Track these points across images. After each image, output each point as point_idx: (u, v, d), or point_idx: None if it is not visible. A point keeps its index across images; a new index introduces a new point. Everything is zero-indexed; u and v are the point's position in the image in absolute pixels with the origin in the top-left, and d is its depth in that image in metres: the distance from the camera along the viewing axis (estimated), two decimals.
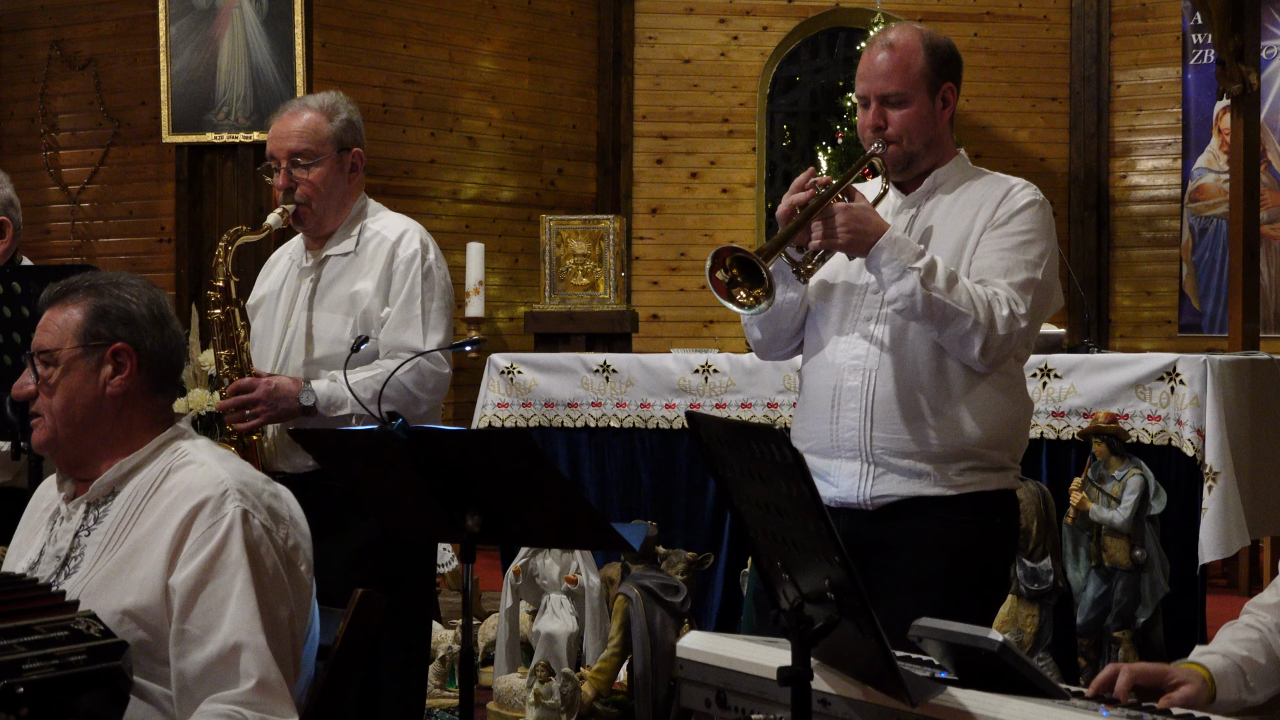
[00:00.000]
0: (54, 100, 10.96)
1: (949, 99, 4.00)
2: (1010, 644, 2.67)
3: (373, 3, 10.72)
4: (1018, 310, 3.76)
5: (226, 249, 4.51)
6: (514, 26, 11.49)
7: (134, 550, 2.97)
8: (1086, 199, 11.88)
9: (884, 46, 3.94)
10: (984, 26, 11.92)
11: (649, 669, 5.80)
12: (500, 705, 6.52)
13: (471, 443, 3.86)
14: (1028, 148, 11.91)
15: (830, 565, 2.62)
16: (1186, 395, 6.25)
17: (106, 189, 10.78)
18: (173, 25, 10.19)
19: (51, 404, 3.08)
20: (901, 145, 3.92)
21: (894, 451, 3.83)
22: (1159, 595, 6.16)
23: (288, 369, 4.51)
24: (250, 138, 10.07)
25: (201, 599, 2.90)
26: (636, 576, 5.99)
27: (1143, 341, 11.52)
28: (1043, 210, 3.93)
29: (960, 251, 3.87)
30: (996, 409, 3.87)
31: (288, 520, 3.09)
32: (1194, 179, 11.50)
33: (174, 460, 3.08)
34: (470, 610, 3.87)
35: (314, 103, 4.61)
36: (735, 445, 2.81)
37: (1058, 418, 6.49)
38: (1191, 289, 11.50)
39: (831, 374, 3.90)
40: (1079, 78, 11.94)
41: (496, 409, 7.43)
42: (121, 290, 3.13)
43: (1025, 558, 6.15)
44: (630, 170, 11.93)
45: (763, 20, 11.89)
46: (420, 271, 4.51)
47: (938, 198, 3.98)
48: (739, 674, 3.05)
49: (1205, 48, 11.08)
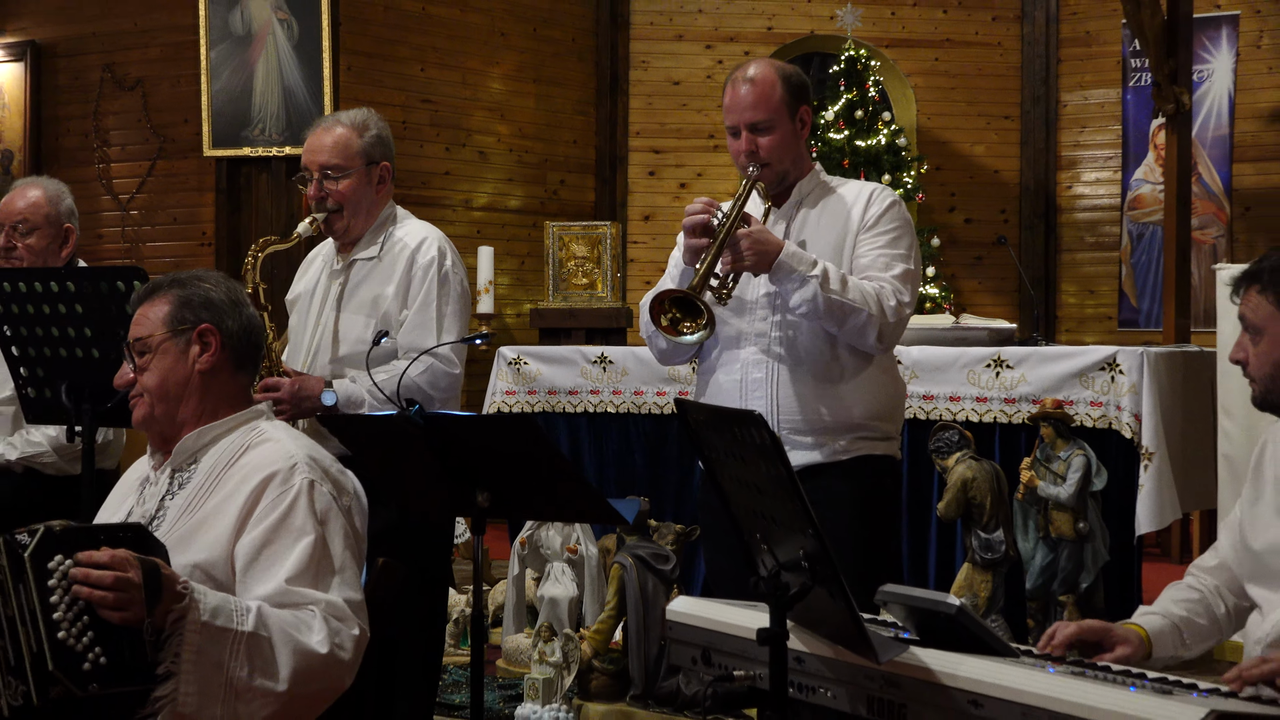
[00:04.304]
0: (106, 118, 10.94)
1: (805, 119, 4.11)
2: (966, 607, 2.68)
3: (393, 30, 10.71)
4: (902, 299, 3.94)
5: (255, 257, 4.50)
6: (521, 52, 11.48)
7: (210, 514, 3.02)
8: (1036, 207, 11.87)
9: (746, 81, 4.05)
10: (944, 52, 11.91)
11: (642, 630, 5.80)
12: (508, 662, 6.53)
13: (482, 427, 3.87)
14: (983, 161, 11.91)
15: (804, 537, 2.62)
16: (1125, 384, 6.25)
17: (153, 198, 10.77)
18: (213, 50, 10.17)
19: (148, 384, 3.15)
20: (774, 166, 4.04)
21: (797, 429, 3.96)
22: (1100, 563, 6.17)
23: (316, 364, 4.49)
24: (283, 152, 10.05)
25: (263, 554, 2.93)
26: (630, 547, 5.99)
27: (1086, 335, 11.53)
28: (902, 207, 4.11)
29: (840, 253, 4.01)
30: (881, 388, 4.04)
31: (351, 493, 3.14)
32: (1132, 189, 11.49)
33: (252, 438, 3.14)
34: (481, 577, 3.88)
35: (346, 119, 4.57)
36: (719, 429, 2.81)
37: (1009, 404, 6.49)
38: (1130, 288, 11.49)
39: (738, 370, 4.03)
40: (1029, 98, 11.94)
41: (505, 396, 7.43)
42: (202, 282, 3.22)
43: (980, 529, 6.15)
44: (625, 181, 11.92)
45: (744, 46, 11.87)
46: (437, 278, 4.47)
47: (805, 209, 4.10)
48: (722, 634, 3.06)
49: (1143, 71, 11.07)
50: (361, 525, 3.14)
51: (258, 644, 2.77)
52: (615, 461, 7.31)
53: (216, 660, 2.73)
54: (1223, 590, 3.17)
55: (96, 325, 4.42)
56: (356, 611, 2.95)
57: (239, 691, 2.76)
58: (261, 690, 2.77)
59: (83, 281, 4.46)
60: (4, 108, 11.27)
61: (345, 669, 2.88)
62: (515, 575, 6.71)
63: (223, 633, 2.73)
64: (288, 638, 2.81)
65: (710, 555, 4.36)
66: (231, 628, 2.75)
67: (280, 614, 2.83)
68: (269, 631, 2.79)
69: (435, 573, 4.59)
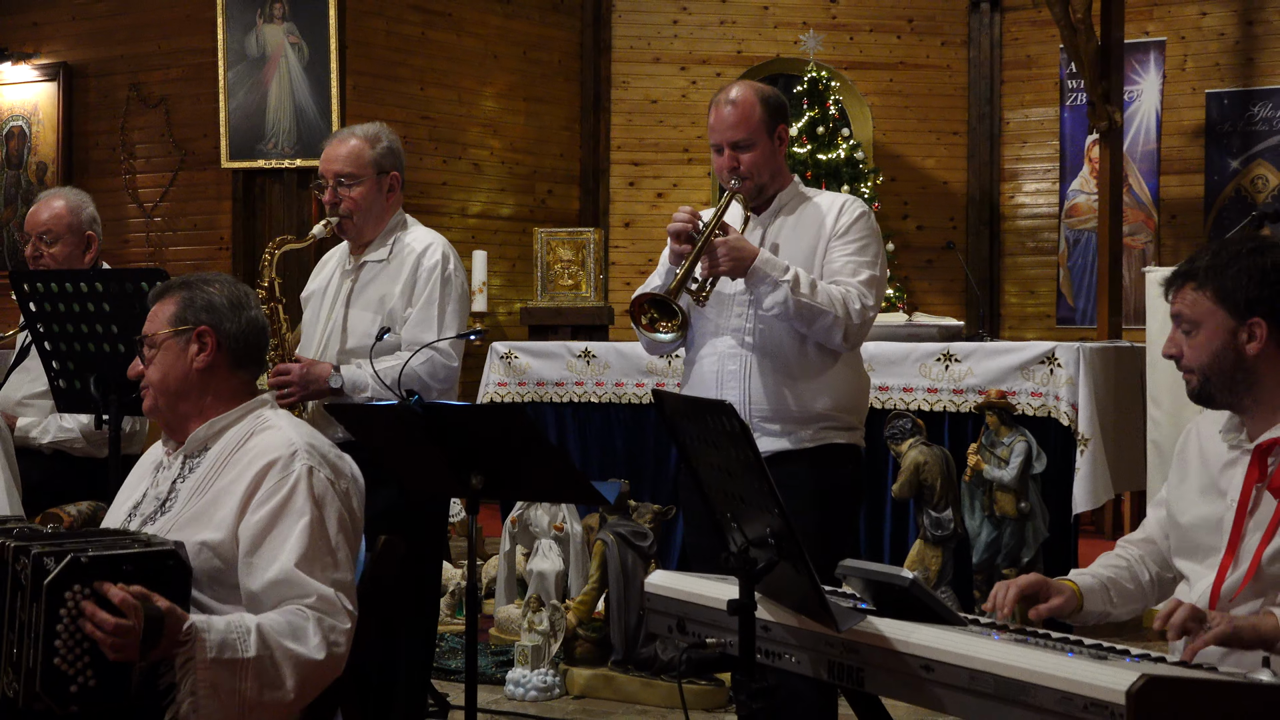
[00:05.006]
0: (132, 133, 10.89)
1: (783, 137, 4.10)
2: (919, 580, 2.67)
3: (395, 53, 10.67)
4: (867, 302, 3.93)
5: (272, 254, 4.48)
6: (512, 73, 11.45)
7: (217, 496, 2.99)
8: (981, 216, 11.88)
9: (728, 103, 4.04)
10: (898, 73, 11.91)
11: (622, 601, 5.79)
12: (500, 630, 6.52)
13: (476, 416, 3.85)
14: (933, 173, 11.91)
15: (771, 516, 2.62)
16: (1063, 376, 6.26)
17: (175, 206, 10.73)
18: (230, 71, 10.13)
19: (151, 377, 3.13)
20: (753, 179, 4.03)
21: (766, 418, 3.94)
22: (1040, 539, 6.18)
23: (326, 355, 4.47)
24: (294, 164, 10.02)
25: (268, 538, 2.91)
26: (612, 525, 5.98)
27: (1027, 332, 11.54)
28: (871, 218, 4.10)
29: (812, 258, 4.00)
30: (846, 382, 4.02)
31: (349, 477, 3.10)
32: (1069, 199, 11.51)
33: (257, 425, 3.11)
34: (475, 553, 3.87)
35: (360, 131, 4.55)
36: (693, 418, 2.80)
37: (958, 394, 6.50)
38: (1067, 289, 11.51)
39: (715, 362, 4.02)
40: (975, 116, 11.94)
41: (497, 387, 7.41)
42: (209, 285, 3.18)
43: (931, 509, 6.16)
44: (608, 191, 11.89)
45: (716, 68, 11.86)
46: (440, 279, 4.45)
47: (782, 217, 4.09)
48: (696, 605, 3.05)
49: (1079, 91, 11.09)
50: (359, 507, 3.11)
51: (262, 665, 2.77)
52: (598, 447, 7.30)
53: (230, 689, 2.74)
54: (1147, 560, 3.21)
55: (122, 322, 4.41)
56: (346, 593, 2.93)
57: (250, 708, 2.77)
58: (271, 702, 2.79)
59: (109, 282, 4.45)
60: (39, 123, 11.22)
61: (341, 659, 2.89)
62: (506, 551, 6.70)
63: (231, 664, 2.74)
64: (288, 653, 2.80)
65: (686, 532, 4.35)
66: (238, 657, 2.75)
67: (278, 625, 2.81)
68: (270, 649, 2.78)
69: (432, 549, 4.58)
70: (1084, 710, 2.23)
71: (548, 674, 5.78)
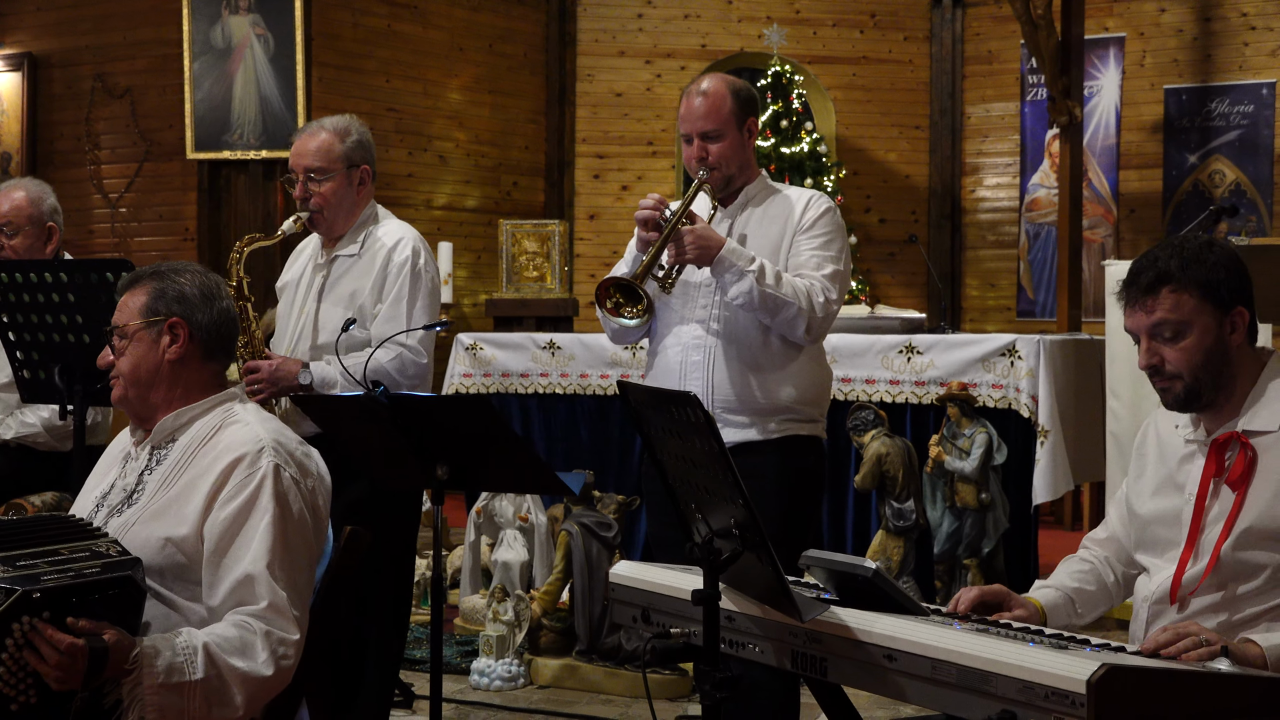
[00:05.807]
0: (97, 123, 10.82)
1: (753, 130, 4.11)
2: (881, 570, 2.67)
3: (361, 45, 10.63)
4: (830, 296, 3.94)
5: (241, 252, 4.44)
6: (477, 65, 11.42)
7: (183, 490, 2.97)
8: (943, 209, 11.92)
9: (699, 94, 4.05)
10: (861, 68, 11.93)
11: (587, 591, 5.79)
12: (465, 620, 6.50)
13: (441, 406, 3.84)
14: (896, 167, 11.94)
15: (735, 507, 2.61)
16: (1024, 368, 6.28)
17: (140, 197, 10.66)
18: (196, 62, 10.08)
19: (122, 368, 3.10)
20: (721, 170, 4.04)
21: (730, 409, 3.94)
22: (1001, 530, 6.20)
23: (298, 349, 4.43)
24: (260, 155, 9.98)
25: (232, 536, 2.89)
26: (576, 515, 5.97)
27: (988, 325, 11.58)
28: (837, 213, 4.10)
29: (777, 251, 4.00)
30: (809, 375, 4.02)
31: (315, 474, 3.07)
32: (1029, 193, 11.55)
33: (225, 418, 3.08)
34: (440, 543, 3.85)
35: (329, 124, 4.50)
36: (658, 409, 2.80)
37: (920, 386, 6.52)
38: (1027, 282, 11.56)
39: (679, 352, 4.02)
40: (937, 110, 11.97)
41: (462, 379, 7.39)
42: (180, 275, 3.14)
43: (893, 500, 6.17)
44: (573, 183, 11.88)
45: (680, 62, 11.85)
46: (410, 274, 4.41)
47: (749, 209, 4.09)
48: (660, 595, 3.05)
49: (1039, 87, 11.13)
50: (325, 505, 3.09)
51: (210, 685, 2.76)
52: (562, 438, 7.30)
53: (178, 710, 2.74)
54: (1112, 560, 3.18)
55: (87, 313, 4.38)
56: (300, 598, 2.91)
57: None
58: (219, 718, 2.78)
59: (74, 273, 4.42)
60: (3, 114, 11.12)
61: (289, 672, 2.88)
62: (471, 541, 6.68)
63: (179, 686, 2.73)
64: (235, 671, 2.78)
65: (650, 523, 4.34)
66: (185, 680, 2.74)
67: (225, 642, 2.79)
68: (218, 668, 2.77)
69: (403, 539, 4.55)
70: (1045, 699, 2.24)
71: (513, 664, 5.77)
